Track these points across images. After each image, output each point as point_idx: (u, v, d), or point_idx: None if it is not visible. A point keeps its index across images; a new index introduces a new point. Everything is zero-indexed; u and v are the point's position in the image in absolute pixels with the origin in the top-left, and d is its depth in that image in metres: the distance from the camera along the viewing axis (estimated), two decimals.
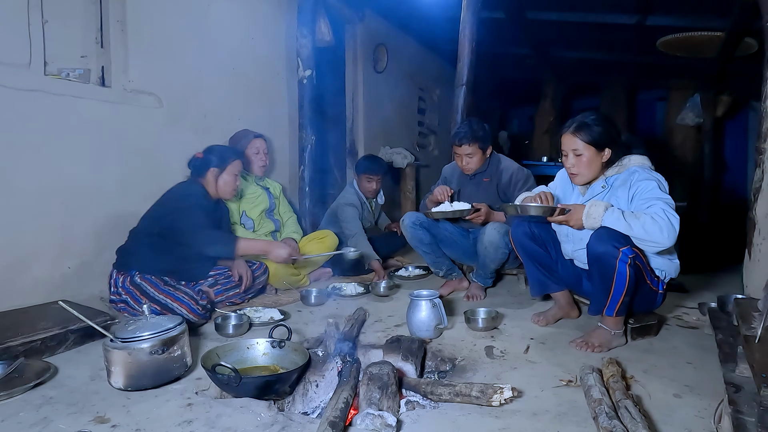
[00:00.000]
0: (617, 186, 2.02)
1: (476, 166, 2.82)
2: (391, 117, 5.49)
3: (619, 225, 1.83)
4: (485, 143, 2.78)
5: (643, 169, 2.01)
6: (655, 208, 1.83)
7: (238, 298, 2.58)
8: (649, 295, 2.02)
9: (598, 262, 1.89)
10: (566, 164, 2.06)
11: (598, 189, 2.08)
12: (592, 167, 2.02)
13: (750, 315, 1.55)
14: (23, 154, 2.31)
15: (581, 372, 1.61)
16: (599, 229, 1.88)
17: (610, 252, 1.83)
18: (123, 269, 2.32)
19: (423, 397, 1.56)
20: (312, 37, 3.91)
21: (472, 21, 3.57)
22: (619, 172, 2.04)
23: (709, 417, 1.43)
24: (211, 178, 2.52)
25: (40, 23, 2.38)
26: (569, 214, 1.94)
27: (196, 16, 3.12)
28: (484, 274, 2.81)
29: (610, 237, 1.84)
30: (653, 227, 1.79)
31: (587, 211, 1.89)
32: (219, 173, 2.53)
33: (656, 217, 1.80)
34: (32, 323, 1.92)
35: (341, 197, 3.64)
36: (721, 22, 4.20)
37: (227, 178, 2.55)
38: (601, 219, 1.86)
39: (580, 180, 2.07)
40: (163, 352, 1.56)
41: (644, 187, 1.92)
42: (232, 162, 2.56)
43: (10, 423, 1.37)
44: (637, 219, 1.82)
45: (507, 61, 6.61)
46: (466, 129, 2.75)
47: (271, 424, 1.35)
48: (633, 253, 1.83)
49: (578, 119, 2.02)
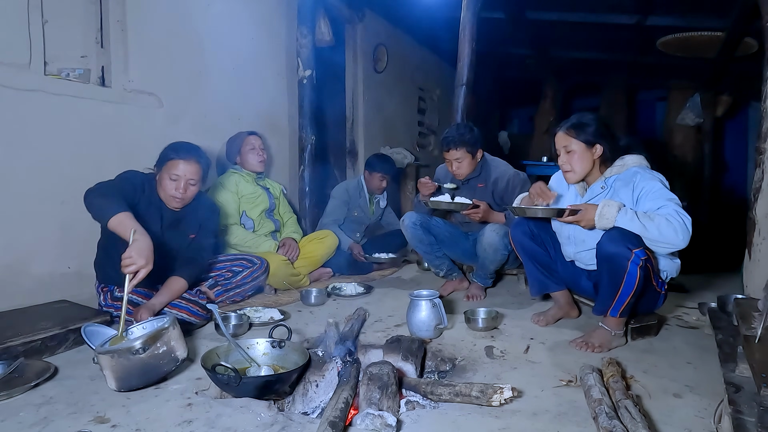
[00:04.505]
0: (618, 187, 2.01)
1: (467, 171, 2.78)
2: (391, 117, 5.49)
3: (634, 226, 1.82)
4: (473, 147, 2.73)
5: (643, 169, 2.01)
6: (668, 209, 1.84)
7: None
8: (653, 296, 2.03)
9: (609, 262, 1.87)
10: (559, 162, 2.09)
11: (597, 190, 2.07)
12: (584, 163, 2.03)
13: (750, 315, 1.55)
14: (23, 154, 2.31)
15: (581, 372, 1.61)
16: (612, 230, 1.87)
17: (622, 253, 1.82)
18: (103, 282, 2.25)
19: (423, 397, 1.56)
20: (312, 37, 3.91)
21: (472, 21, 3.57)
22: (619, 173, 2.03)
23: (709, 417, 1.43)
24: (156, 176, 2.21)
25: (40, 23, 2.38)
26: (580, 214, 1.91)
27: (196, 16, 3.12)
28: (483, 274, 2.81)
29: (623, 238, 1.83)
30: (668, 229, 1.79)
31: (600, 211, 1.87)
32: (158, 172, 2.20)
33: (670, 218, 1.81)
34: (32, 323, 1.91)
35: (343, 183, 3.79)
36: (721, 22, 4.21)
37: (164, 180, 2.16)
38: (614, 219, 1.85)
39: (573, 177, 2.07)
40: (144, 351, 1.54)
41: (650, 187, 1.92)
42: (168, 162, 2.16)
43: (10, 423, 1.37)
44: (652, 220, 1.81)
45: (507, 61, 6.62)
46: (454, 133, 2.72)
47: (271, 424, 1.35)
48: (645, 255, 1.82)
49: (569, 119, 2.07)
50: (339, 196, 3.65)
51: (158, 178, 2.20)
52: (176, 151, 2.19)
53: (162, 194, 2.20)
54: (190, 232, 2.32)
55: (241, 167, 3.12)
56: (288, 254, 3.01)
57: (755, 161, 2.41)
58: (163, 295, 2.12)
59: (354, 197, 3.67)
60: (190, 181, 2.19)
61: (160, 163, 2.21)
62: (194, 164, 2.19)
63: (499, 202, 2.80)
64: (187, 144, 2.26)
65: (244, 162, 3.10)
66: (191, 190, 2.21)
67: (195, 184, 2.22)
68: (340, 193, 3.67)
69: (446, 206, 2.67)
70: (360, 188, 3.71)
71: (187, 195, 2.20)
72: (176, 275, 2.19)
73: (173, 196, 2.17)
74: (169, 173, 2.15)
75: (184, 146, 2.23)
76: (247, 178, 3.10)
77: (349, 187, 3.71)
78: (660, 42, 4.79)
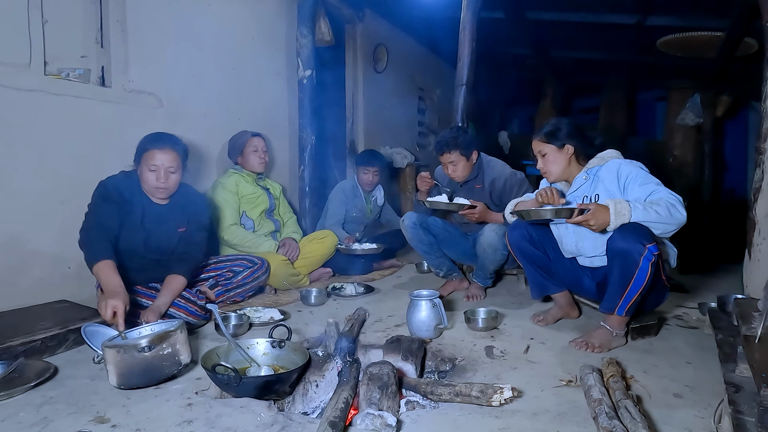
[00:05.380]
0: (603, 175, 2.08)
1: (463, 173, 2.78)
2: (391, 117, 5.48)
3: (648, 215, 1.84)
4: (467, 149, 2.73)
5: (624, 159, 2.10)
6: (662, 193, 1.92)
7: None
8: (661, 291, 2.06)
9: (622, 257, 1.87)
10: (537, 167, 2.23)
11: (581, 181, 2.15)
12: (558, 163, 2.15)
13: (750, 315, 1.55)
14: (23, 154, 2.31)
15: (581, 372, 1.61)
16: (623, 225, 1.87)
17: (636, 249, 1.82)
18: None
19: (423, 397, 1.56)
20: (312, 37, 3.91)
21: (472, 21, 3.57)
22: (600, 164, 2.12)
23: (709, 417, 1.43)
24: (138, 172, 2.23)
25: (40, 23, 2.38)
26: (591, 214, 1.89)
27: (196, 16, 3.13)
28: (483, 274, 2.81)
29: (635, 233, 1.83)
30: (673, 209, 1.86)
31: (615, 209, 1.86)
32: (137, 167, 2.22)
33: (670, 199, 1.88)
34: (32, 323, 1.91)
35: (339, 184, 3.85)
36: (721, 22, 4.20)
37: (144, 173, 2.18)
38: (630, 214, 1.85)
39: (550, 177, 2.21)
40: (150, 350, 1.55)
41: (636, 173, 2.01)
42: (146, 153, 2.17)
43: (10, 423, 1.37)
44: (659, 205, 1.87)
45: (507, 61, 6.61)
46: (447, 136, 2.73)
47: (271, 424, 1.35)
48: (658, 250, 1.84)
49: (543, 126, 2.22)
50: (336, 197, 3.69)
51: (139, 172, 2.21)
52: (151, 142, 2.20)
53: (146, 187, 2.21)
54: (178, 226, 2.30)
55: (241, 167, 3.12)
56: (288, 254, 3.01)
57: (755, 161, 2.40)
58: (165, 296, 2.12)
59: (350, 198, 3.69)
60: (169, 169, 2.19)
61: (137, 156, 2.22)
62: (171, 152, 2.20)
63: (497, 203, 2.80)
64: (161, 134, 2.27)
65: (245, 162, 3.11)
66: (173, 178, 2.22)
67: (175, 171, 2.23)
68: (337, 194, 3.71)
69: (444, 206, 2.69)
70: (355, 188, 3.74)
71: (170, 183, 2.22)
72: (174, 273, 2.20)
73: (156, 186, 2.19)
74: (148, 165, 2.17)
75: (159, 136, 2.25)
76: (248, 179, 3.10)
77: (345, 188, 3.74)
78: (660, 42, 4.79)
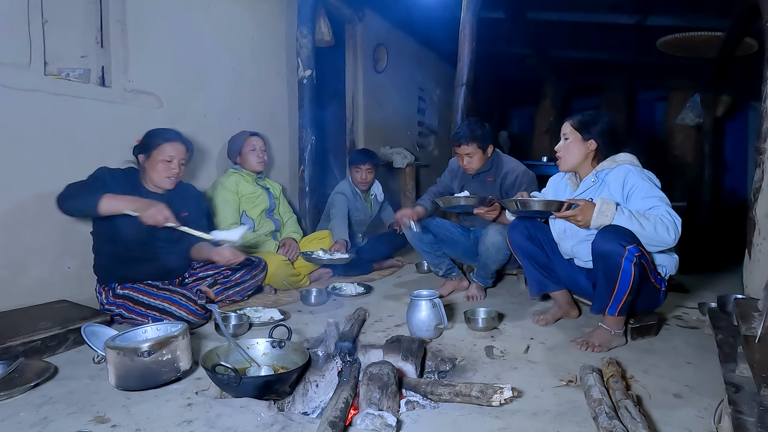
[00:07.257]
0: (609, 181, 2.05)
1: (477, 166, 2.83)
2: (391, 117, 5.48)
3: (632, 225, 1.85)
4: (484, 143, 2.79)
5: (635, 167, 2.05)
6: (661, 210, 1.89)
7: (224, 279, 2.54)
8: (653, 293, 2.03)
9: (604, 259, 1.88)
10: (556, 148, 2.18)
11: (589, 183, 2.12)
12: (575, 154, 2.11)
13: (750, 315, 1.55)
14: (23, 154, 2.31)
15: (581, 372, 1.61)
16: (605, 227, 1.88)
17: (616, 250, 1.83)
18: (103, 282, 2.29)
19: (423, 397, 1.56)
20: (312, 37, 3.91)
21: (472, 21, 3.57)
22: (610, 167, 2.08)
23: (709, 417, 1.43)
24: (143, 165, 2.33)
25: (40, 23, 2.38)
26: (578, 209, 1.91)
27: (196, 15, 3.12)
28: (484, 274, 2.81)
29: (616, 235, 1.84)
30: (662, 228, 1.84)
31: (599, 208, 1.88)
32: (146, 159, 2.31)
33: (664, 218, 1.86)
34: (32, 323, 1.91)
35: (335, 188, 3.78)
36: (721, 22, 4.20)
37: (156, 165, 2.28)
38: (613, 217, 1.86)
39: (562, 164, 2.16)
40: (150, 355, 1.54)
41: (641, 185, 1.96)
42: (159, 146, 2.28)
43: (10, 423, 1.37)
44: (648, 220, 1.85)
45: (507, 61, 6.61)
46: (465, 129, 2.78)
47: (271, 424, 1.35)
48: (639, 251, 1.83)
49: (582, 112, 2.15)
50: (338, 198, 3.59)
51: (147, 164, 2.31)
52: (162, 137, 2.33)
53: (154, 177, 2.30)
54: (181, 211, 2.33)
55: (241, 167, 3.12)
56: (288, 254, 3.02)
57: (755, 161, 2.41)
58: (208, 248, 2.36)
59: (351, 199, 3.64)
60: (181, 161, 2.35)
61: (147, 150, 2.31)
62: (182, 145, 2.36)
63: (505, 197, 2.81)
64: (168, 129, 2.43)
65: (244, 162, 3.11)
66: (182, 169, 2.38)
67: (185, 163, 2.39)
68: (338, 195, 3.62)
69: (464, 201, 2.54)
70: (353, 188, 3.69)
71: (180, 174, 2.38)
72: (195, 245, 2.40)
73: (167, 177, 2.31)
74: (162, 156, 2.29)
75: (168, 131, 2.39)
76: (247, 178, 3.10)
77: (344, 190, 3.66)
78: (660, 42, 4.79)
